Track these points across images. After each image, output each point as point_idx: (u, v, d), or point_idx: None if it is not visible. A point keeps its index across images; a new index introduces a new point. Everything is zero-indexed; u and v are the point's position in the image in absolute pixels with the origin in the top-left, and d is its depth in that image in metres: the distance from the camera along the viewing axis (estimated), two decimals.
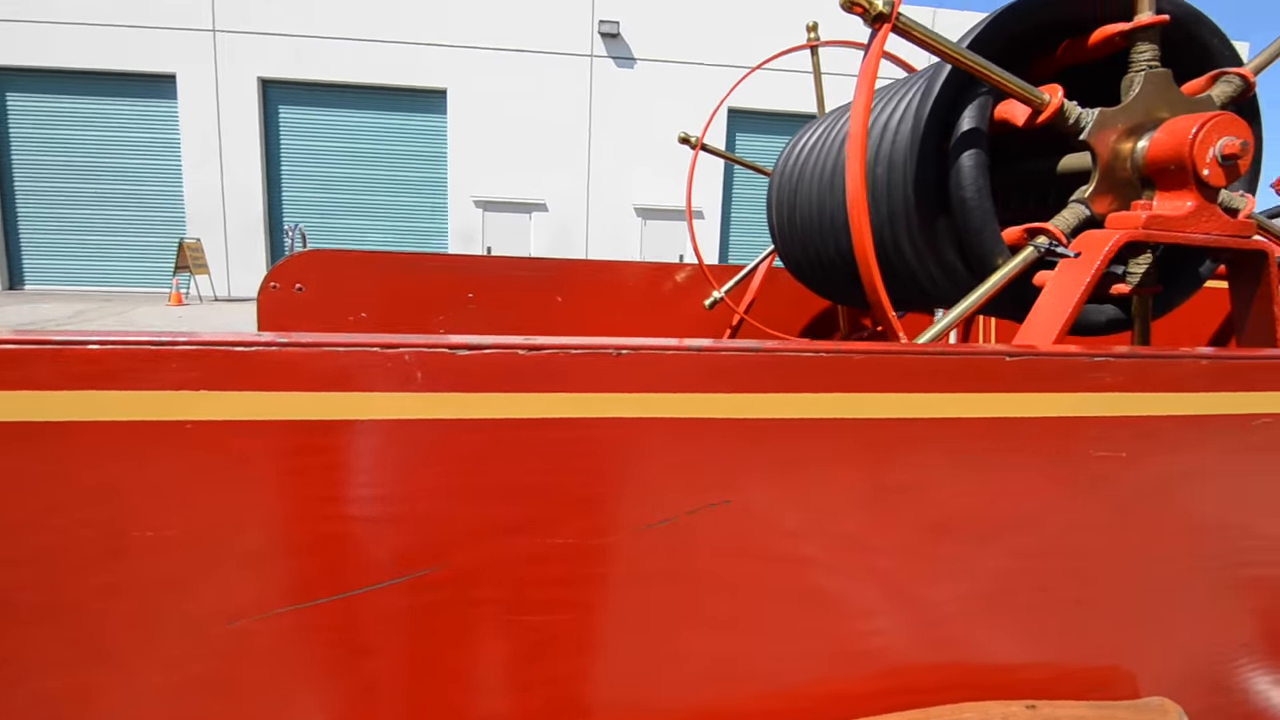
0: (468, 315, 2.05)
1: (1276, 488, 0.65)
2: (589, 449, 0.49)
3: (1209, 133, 0.79)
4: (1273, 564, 0.67)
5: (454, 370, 0.46)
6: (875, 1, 0.76)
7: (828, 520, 0.55)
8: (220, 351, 0.44)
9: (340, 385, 0.46)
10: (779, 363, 0.51)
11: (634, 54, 14.98)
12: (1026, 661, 0.62)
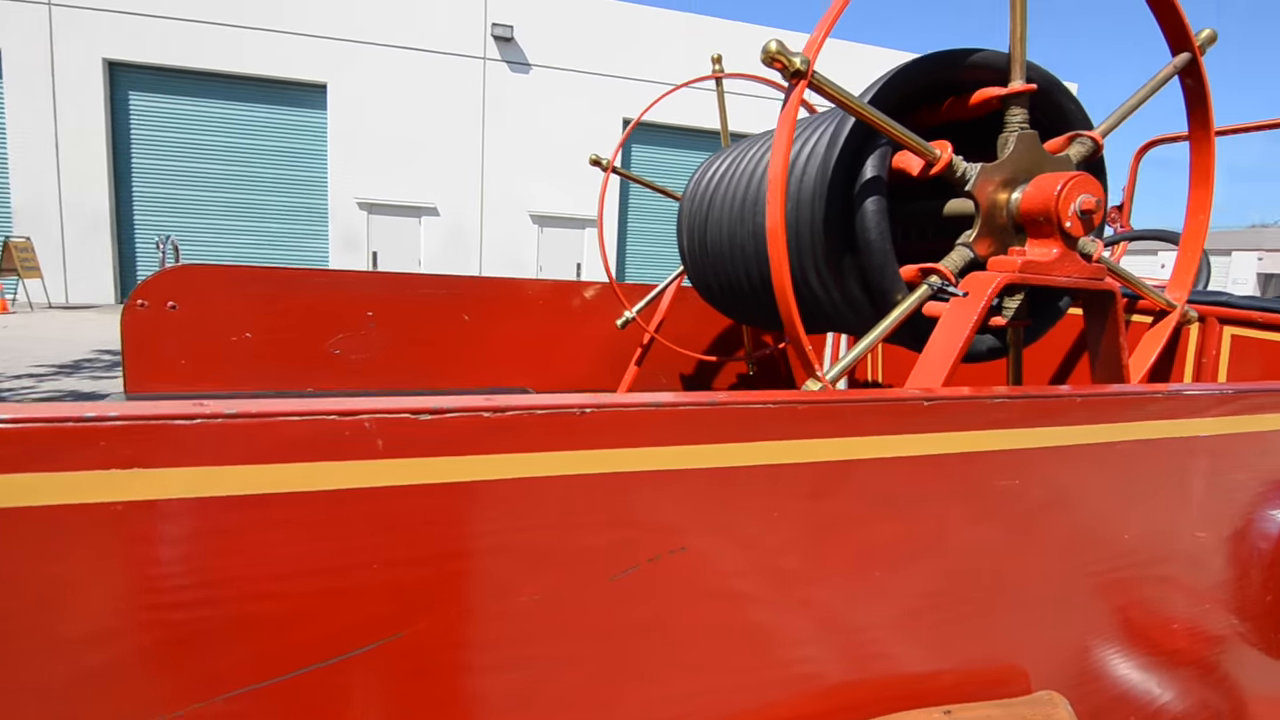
0: (368, 335, 1.95)
1: (1131, 503, 0.74)
2: (554, 504, 0.49)
3: (1070, 190, 0.92)
4: (1131, 567, 0.76)
5: (417, 435, 0.44)
6: (793, 59, 0.81)
7: (771, 558, 0.57)
8: (154, 426, 0.39)
9: (295, 456, 0.42)
10: (740, 415, 0.53)
11: (529, 59, 14.84)
12: (940, 669, 0.68)
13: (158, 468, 0.39)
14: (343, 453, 0.43)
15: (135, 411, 0.39)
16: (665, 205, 16.29)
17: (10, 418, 0.36)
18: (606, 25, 15.14)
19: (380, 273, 1.95)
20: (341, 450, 0.43)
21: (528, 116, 14.89)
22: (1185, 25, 1.03)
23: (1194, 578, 0.81)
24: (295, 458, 0.42)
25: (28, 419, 0.36)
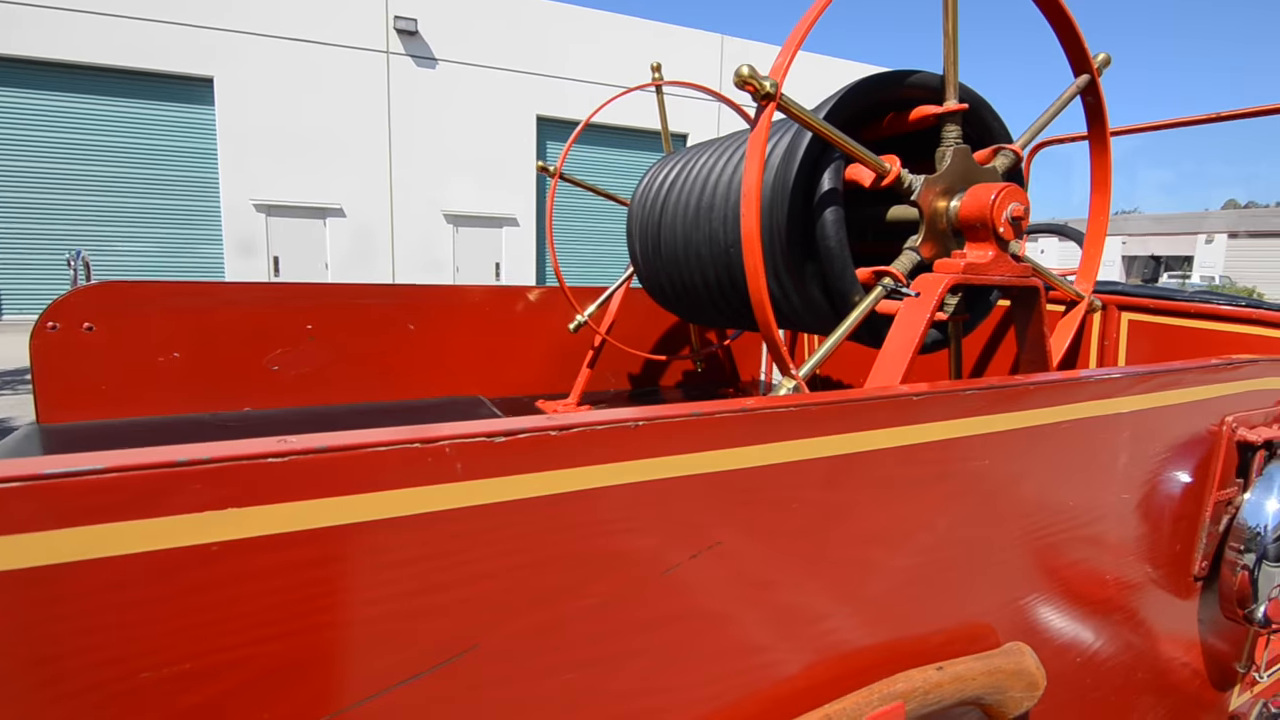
0: (309, 350, 1.87)
1: (1071, 474, 0.85)
2: (613, 514, 0.53)
3: (1003, 200, 1.03)
4: (1072, 529, 0.87)
5: (491, 457, 0.46)
6: (764, 83, 0.87)
7: (790, 544, 0.63)
8: (247, 466, 0.39)
9: (384, 485, 0.43)
10: (762, 419, 0.58)
11: (435, 54, 14.38)
12: (930, 632, 0.76)
13: (252, 505, 0.39)
14: (427, 478, 0.44)
15: (227, 453, 0.39)
16: (588, 207, 16.26)
17: (105, 466, 0.35)
18: (517, 21, 14.89)
19: (319, 284, 1.88)
20: (426, 476, 0.44)
21: (437, 113, 14.44)
22: (1085, 50, 1.17)
23: (1120, 535, 0.93)
24: (384, 486, 0.43)
25: (124, 467, 0.36)
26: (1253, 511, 1.02)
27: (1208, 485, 1.02)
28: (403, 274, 14.49)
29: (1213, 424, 1.00)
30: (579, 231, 16.35)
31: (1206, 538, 1.04)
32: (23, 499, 0.34)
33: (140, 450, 0.37)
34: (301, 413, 1.78)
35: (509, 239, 15.63)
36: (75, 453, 0.37)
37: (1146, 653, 1.01)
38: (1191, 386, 0.96)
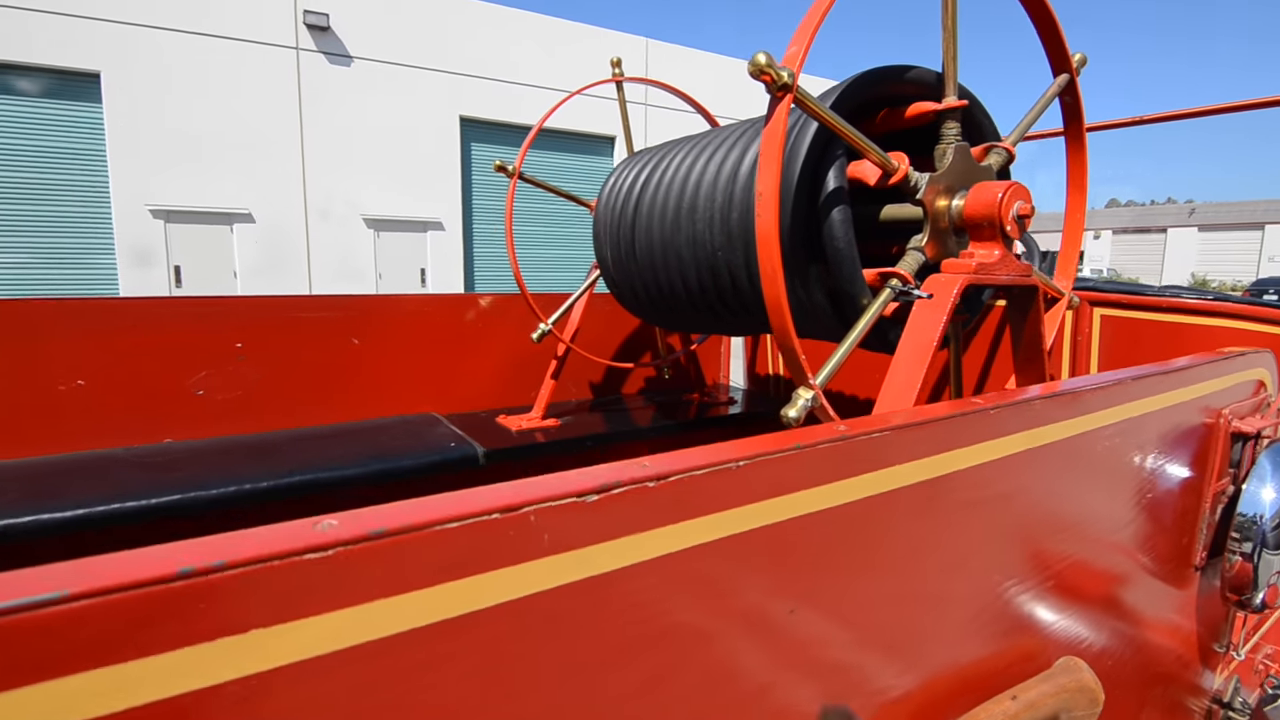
0: (239, 370, 1.67)
1: (1099, 481, 0.82)
2: (722, 570, 0.45)
3: (1010, 198, 1.01)
4: (1101, 535, 0.85)
5: (583, 520, 0.37)
6: (781, 73, 0.80)
7: (882, 579, 0.57)
8: (264, 572, 0.27)
9: (453, 574, 0.32)
10: (864, 445, 0.51)
11: (349, 51, 13.74)
12: (994, 655, 0.71)
13: (284, 623, 0.28)
14: (507, 558, 0.34)
15: (250, 553, 0.27)
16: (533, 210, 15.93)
17: (70, 594, 0.23)
18: (436, 19, 14.42)
19: (249, 297, 1.69)
20: (505, 556, 0.34)
21: (353, 113, 13.79)
22: (1066, 51, 1.17)
23: (1136, 535, 0.91)
24: (453, 575, 0.33)
25: (97, 591, 0.24)
26: (1250, 501, 1.03)
27: (1207, 477, 1.03)
28: (320, 282, 13.77)
29: (1211, 417, 1.01)
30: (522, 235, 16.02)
31: (1206, 528, 1.05)
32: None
33: (117, 557, 0.26)
34: (232, 442, 1.59)
35: (434, 244, 15.14)
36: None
37: (1151, 644, 1.01)
38: (1198, 383, 0.96)
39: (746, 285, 1.24)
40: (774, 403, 2.29)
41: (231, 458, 1.47)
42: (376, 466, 1.45)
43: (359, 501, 1.44)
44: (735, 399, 2.27)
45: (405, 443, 1.60)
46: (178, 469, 1.39)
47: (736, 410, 2.14)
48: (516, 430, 1.78)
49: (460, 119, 14.92)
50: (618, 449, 1.90)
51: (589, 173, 16.64)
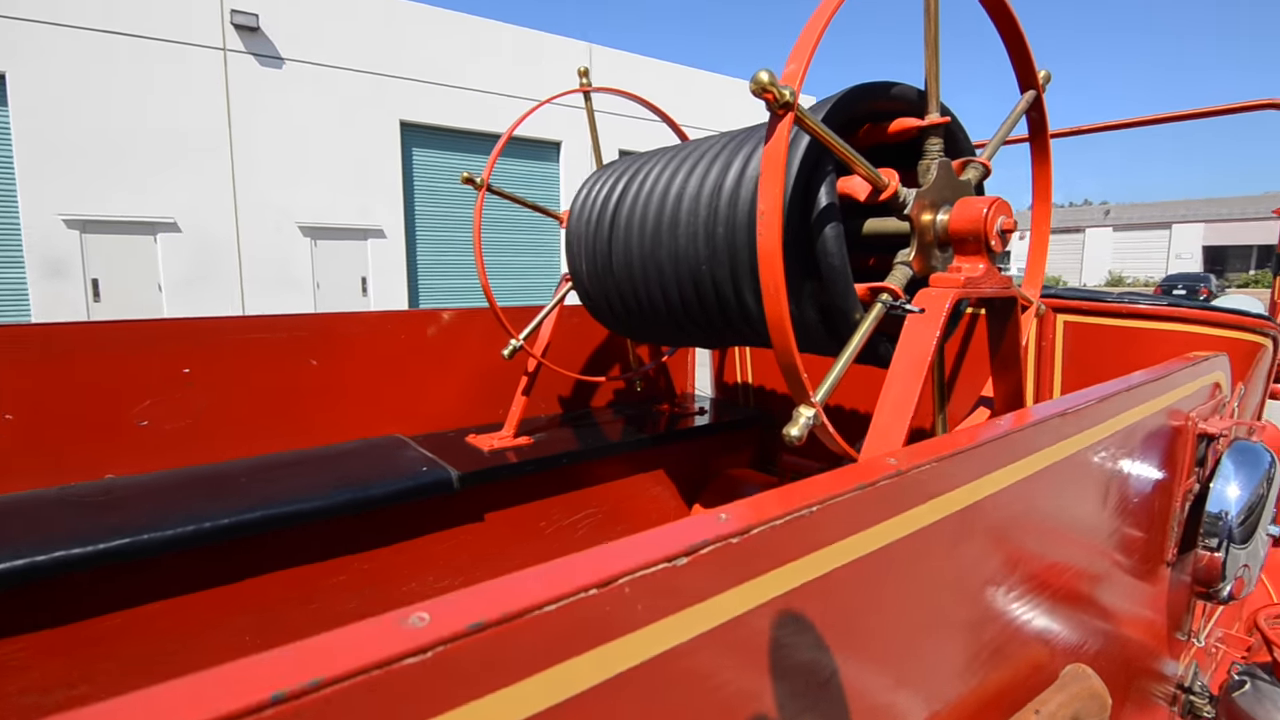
0: (187, 397, 1.56)
1: (1100, 490, 0.84)
2: (810, 606, 0.43)
3: (994, 213, 1.03)
4: (1092, 543, 0.87)
5: (674, 585, 0.34)
6: (783, 92, 0.79)
7: (929, 602, 0.57)
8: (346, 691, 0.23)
9: (551, 660, 0.29)
10: (920, 477, 0.50)
11: (281, 53, 13.23)
12: (1015, 669, 0.72)
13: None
14: (605, 633, 0.31)
15: (331, 670, 0.23)
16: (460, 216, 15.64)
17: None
18: (373, 21, 14.03)
19: (197, 319, 1.58)
20: (603, 630, 0.31)
21: (287, 117, 13.27)
22: (1034, 69, 1.21)
23: (1119, 538, 0.94)
24: (552, 661, 0.29)
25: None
26: (1217, 499, 1.08)
27: (1177, 477, 1.08)
28: (253, 293, 13.19)
29: (1180, 420, 1.06)
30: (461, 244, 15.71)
31: (1177, 526, 1.10)
32: None
33: (192, 681, 0.21)
34: (183, 475, 1.48)
35: (376, 252, 14.70)
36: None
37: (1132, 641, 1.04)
38: (1174, 388, 1.00)
39: (732, 299, 1.24)
40: (743, 411, 2.29)
41: (184, 492, 1.37)
42: (346, 496, 1.37)
43: (331, 534, 1.35)
44: (705, 409, 2.26)
45: (374, 468, 1.53)
46: (124, 508, 1.28)
47: (706, 420, 2.14)
48: (488, 450, 1.73)
49: (400, 124, 14.56)
50: (595, 466, 1.87)
51: (535, 179, 16.49)
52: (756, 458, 2.30)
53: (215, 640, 1.32)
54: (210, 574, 1.31)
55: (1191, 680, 1.37)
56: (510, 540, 1.71)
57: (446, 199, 15.47)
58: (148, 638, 1.25)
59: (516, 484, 1.71)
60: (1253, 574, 1.12)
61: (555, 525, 1.80)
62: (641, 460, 1.97)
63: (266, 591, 1.37)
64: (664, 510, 2.04)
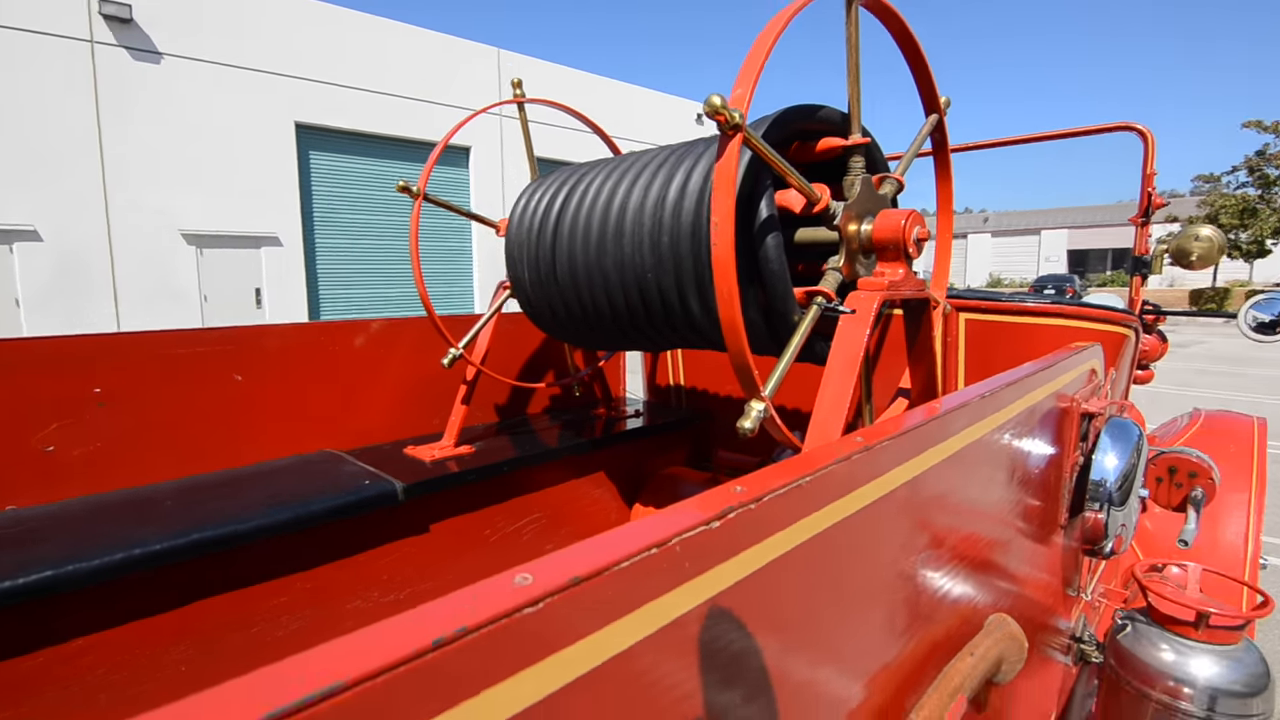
0: (98, 419, 1.45)
1: (1004, 465, 0.96)
2: (806, 565, 0.50)
3: (911, 224, 1.15)
4: (1006, 509, 0.99)
5: (711, 544, 0.40)
6: (733, 114, 0.86)
7: (884, 570, 0.64)
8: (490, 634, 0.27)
9: (627, 608, 0.34)
10: (881, 453, 0.57)
11: (158, 46, 12.25)
12: (950, 622, 0.82)
13: (510, 677, 0.28)
14: (664, 587, 0.37)
15: (476, 618, 0.27)
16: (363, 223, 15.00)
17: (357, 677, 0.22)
18: (262, 16, 13.25)
19: (108, 335, 1.48)
20: (662, 585, 0.37)
21: (166, 116, 12.30)
22: (937, 94, 1.35)
23: (1024, 505, 1.07)
24: (629, 609, 0.34)
25: (371, 674, 0.23)
26: (1098, 468, 1.25)
27: (1066, 451, 1.24)
28: (130, 307, 12.13)
29: (1067, 402, 1.21)
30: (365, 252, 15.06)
31: (1067, 493, 1.26)
32: None
33: (370, 631, 0.25)
34: (101, 501, 1.38)
35: (271, 261, 13.87)
36: None
37: (1035, 597, 1.19)
38: (1062, 374, 1.16)
39: (677, 304, 1.30)
40: (676, 412, 2.37)
41: (105, 518, 1.28)
42: (287, 514, 1.32)
43: (271, 554, 1.31)
44: (640, 411, 2.32)
45: (312, 484, 1.48)
46: (37, 540, 1.19)
47: (639, 424, 2.20)
48: (430, 461, 1.71)
49: (296, 125, 13.83)
50: (536, 472, 1.88)
51: (445, 184, 16.09)
52: (691, 456, 2.38)
53: (150, 673, 1.24)
54: (142, 604, 1.23)
55: (1081, 630, 1.56)
56: (455, 550, 1.70)
57: (348, 205, 14.82)
58: (75, 676, 1.16)
59: (460, 493, 1.70)
60: (1129, 531, 1.30)
61: (500, 533, 1.80)
62: (582, 464, 2.00)
63: (204, 618, 1.30)
64: (606, 511, 2.08)
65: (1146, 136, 2.21)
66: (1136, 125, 2.26)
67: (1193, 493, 1.95)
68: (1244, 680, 1.18)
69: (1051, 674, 1.35)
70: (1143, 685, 1.23)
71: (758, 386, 0.97)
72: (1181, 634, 1.22)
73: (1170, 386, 10.68)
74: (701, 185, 1.21)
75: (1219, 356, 14.53)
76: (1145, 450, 1.32)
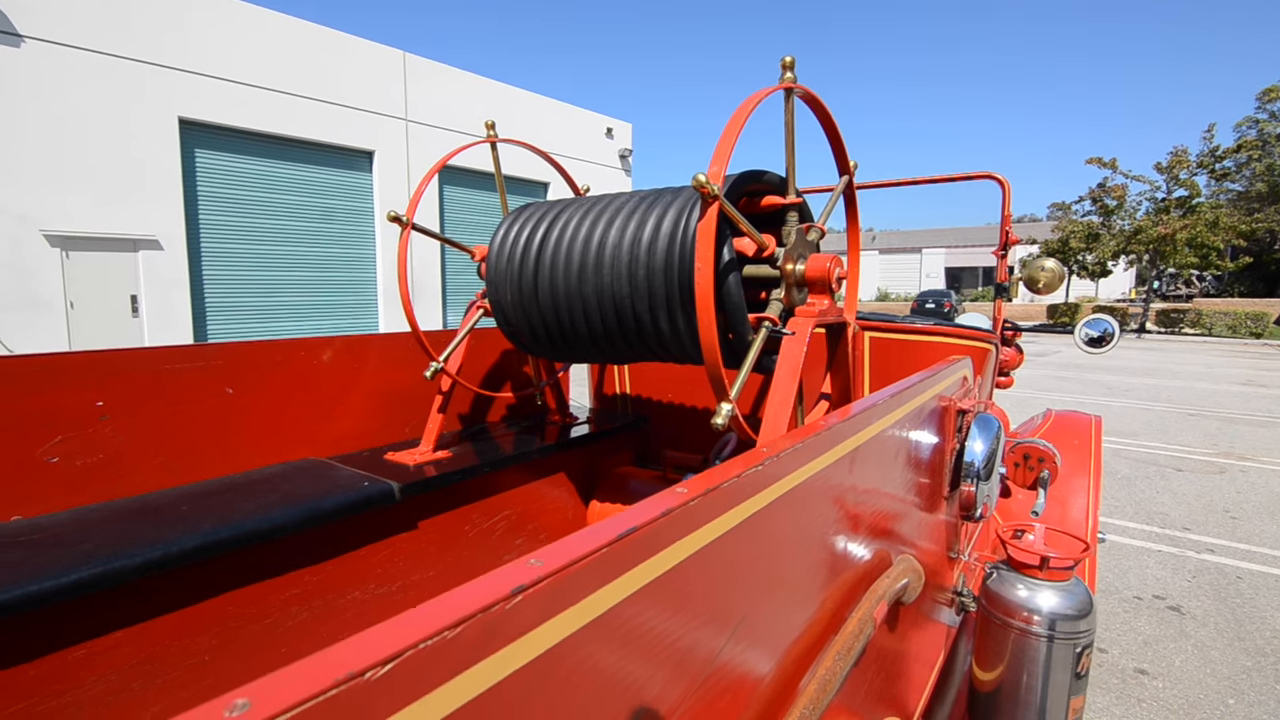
0: (101, 432, 1.52)
1: (903, 449, 1.28)
2: (756, 533, 0.71)
3: (833, 265, 1.47)
4: (906, 483, 1.32)
5: (692, 517, 0.56)
6: (713, 187, 1.14)
7: (829, 528, 0.92)
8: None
9: (657, 548, 0.52)
10: (812, 446, 0.84)
11: (18, 29, 11.17)
12: (870, 561, 1.10)
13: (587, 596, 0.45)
14: (665, 544, 0.52)
15: (551, 565, 0.41)
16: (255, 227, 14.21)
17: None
18: (143, 2, 12.36)
19: (109, 351, 1.55)
20: (664, 542, 0.52)
21: (26, 105, 11.21)
22: (847, 159, 1.69)
23: (918, 480, 1.41)
24: (652, 553, 0.50)
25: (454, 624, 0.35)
26: (969, 452, 1.63)
27: (946, 439, 1.60)
28: None
29: (947, 402, 1.58)
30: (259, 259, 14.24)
31: (949, 471, 1.63)
32: None
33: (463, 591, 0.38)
34: (118, 507, 1.46)
35: (149, 266, 12.87)
36: None
37: (929, 553, 1.54)
38: (942, 381, 1.52)
39: (649, 324, 1.57)
40: (623, 417, 2.63)
41: (123, 522, 1.37)
42: (301, 512, 1.46)
43: (282, 552, 1.47)
44: (590, 418, 2.57)
45: (317, 486, 1.62)
46: (40, 549, 1.27)
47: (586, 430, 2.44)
48: (413, 465, 1.87)
49: (180, 121, 12.95)
50: (508, 474, 2.08)
51: (347, 188, 15.54)
52: (637, 456, 2.64)
53: (179, 661, 1.35)
54: (169, 599, 1.34)
55: (961, 587, 1.96)
56: (441, 545, 1.87)
57: (238, 207, 14.00)
58: (113, 666, 1.26)
59: (444, 494, 1.87)
60: (993, 500, 1.69)
61: (477, 528, 1.98)
62: (545, 466, 2.22)
63: (223, 611, 1.42)
64: (565, 508, 2.30)
65: (1004, 184, 2.72)
66: (996, 175, 2.76)
67: (1041, 474, 2.43)
68: (1074, 607, 1.59)
69: (939, 625, 1.71)
70: (1006, 616, 1.61)
71: (727, 391, 1.25)
72: (1031, 575, 1.62)
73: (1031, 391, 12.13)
74: (671, 230, 1.49)
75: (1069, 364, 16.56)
76: (1003, 438, 1.73)
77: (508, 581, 0.39)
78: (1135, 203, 28.98)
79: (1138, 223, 27.78)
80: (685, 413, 2.64)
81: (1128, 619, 3.92)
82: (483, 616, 0.36)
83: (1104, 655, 3.51)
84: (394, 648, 0.32)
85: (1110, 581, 4.42)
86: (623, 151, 21.17)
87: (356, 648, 0.32)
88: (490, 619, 0.37)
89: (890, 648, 1.25)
